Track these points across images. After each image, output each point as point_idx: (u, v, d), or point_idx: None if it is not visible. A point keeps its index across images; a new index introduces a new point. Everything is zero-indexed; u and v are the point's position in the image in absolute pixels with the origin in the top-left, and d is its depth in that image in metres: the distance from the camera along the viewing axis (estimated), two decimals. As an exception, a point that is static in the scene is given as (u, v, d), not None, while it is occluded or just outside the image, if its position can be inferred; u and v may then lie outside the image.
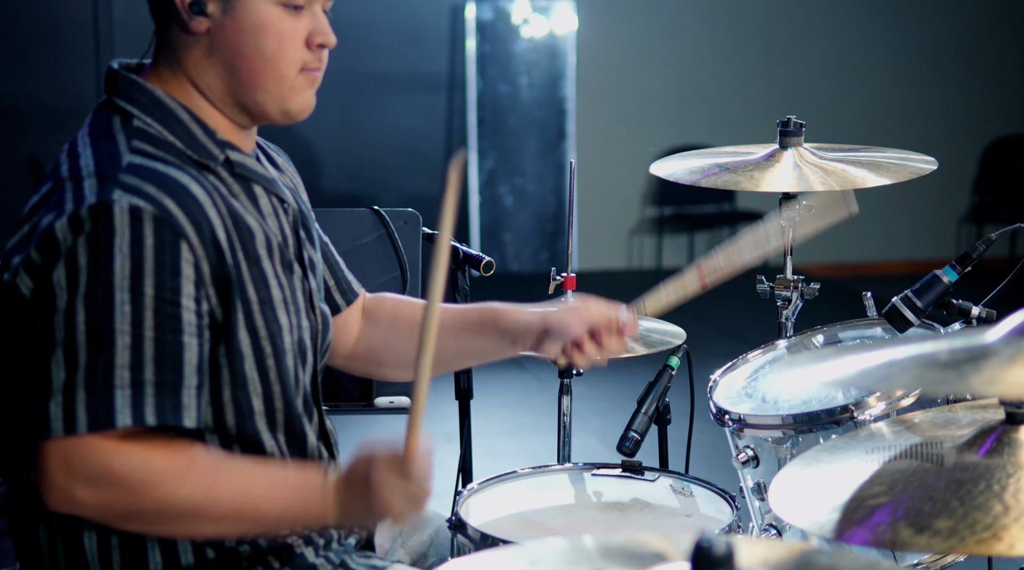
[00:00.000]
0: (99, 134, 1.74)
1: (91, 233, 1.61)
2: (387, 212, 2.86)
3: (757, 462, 2.36)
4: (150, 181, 1.66)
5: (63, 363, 1.60)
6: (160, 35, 1.80)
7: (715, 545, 1.09)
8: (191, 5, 1.74)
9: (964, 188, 9.04)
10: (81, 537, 1.73)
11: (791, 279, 2.69)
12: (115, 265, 1.60)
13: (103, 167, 1.68)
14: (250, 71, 1.76)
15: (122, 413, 1.60)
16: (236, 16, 1.74)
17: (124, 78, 1.78)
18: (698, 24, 8.71)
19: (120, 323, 1.60)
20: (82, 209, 1.62)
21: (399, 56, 8.13)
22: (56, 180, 1.70)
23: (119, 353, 1.60)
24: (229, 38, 1.75)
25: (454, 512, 2.17)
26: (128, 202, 1.62)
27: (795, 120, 2.67)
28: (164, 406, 1.62)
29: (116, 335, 1.60)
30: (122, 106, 1.76)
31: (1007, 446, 1.46)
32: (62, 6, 7.63)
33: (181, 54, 1.78)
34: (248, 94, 1.78)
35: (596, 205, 8.60)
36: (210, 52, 1.76)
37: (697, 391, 2.66)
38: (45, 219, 1.65)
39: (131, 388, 1.60)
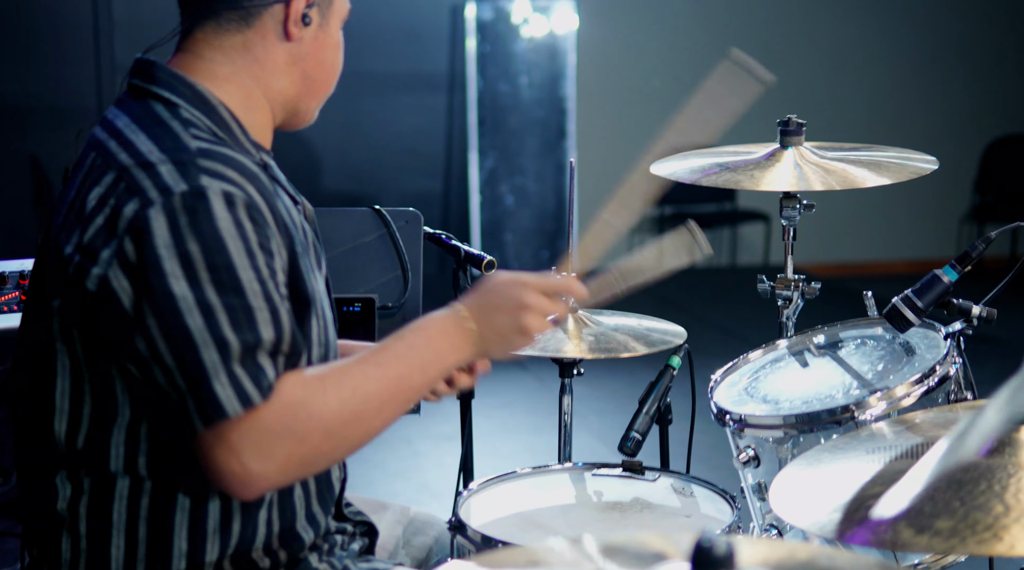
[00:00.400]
0: (148, 122, 1.75)
1: (193, 220, 1.62)
2: (388, 211, 2.86)
3: (758, 462, 2.36)
4: (229, 166, 1.68)
5: (213, 345, 1.60)
6: (220, 34, 1.81)
7: (716, 545, 1.09)
8: (304, 17, 1.81)
9: (964, 188, 9.04)
10: (108, 547, 1.73)
11: (792, 279, 2.69)
12: (229, 247, 1.62)
13: (173, 152, 1.68)
14: (322, 82, 1.89)
15: (280, 380, 1.63)
16: (327, 31, 1.86)
17: (165, 69, 1.80)
18: (698, 24, 8.71)
19: (253, 299, 1.63)
20: (174, 197, 1.63)
21: (399, 56, 8.13)
22: (118, 168, 1.69)
23: (262, 327, 1.63)
24: (318, 50, 1.86)
25: (454, 514, 2.17)
26: (220, 187, 1.64)
27: (795, 119, 2.67)
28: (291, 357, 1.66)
29: (256, 312, 1.63)
30: (165, 96, 1.78)
31: (1007, 446, 1.46)
32: (62, 6, 7.63)
33: (258, 56, 1.82)
34: (307, 101, 1.89)
35: (596, 204, 8.57)
36: (295, 60, 1.84)
37: (698, 391, 2.66)
38: (128, 207, 1.64)
39: (274, 357, 1.64)
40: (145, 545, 1.73)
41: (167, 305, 1.61)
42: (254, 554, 1.78)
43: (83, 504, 1.74)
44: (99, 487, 1.73)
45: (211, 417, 1.60)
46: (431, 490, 4.47)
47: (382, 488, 4.53)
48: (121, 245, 1.63)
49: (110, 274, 1.63)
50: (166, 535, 1.73)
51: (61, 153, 7.73)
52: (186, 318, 1.60)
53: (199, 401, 1.60)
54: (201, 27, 1.82)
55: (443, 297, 2.08)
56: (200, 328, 1.60)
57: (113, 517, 1.73)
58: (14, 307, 2.90)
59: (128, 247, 1.63)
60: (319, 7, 1.83)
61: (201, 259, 1.61)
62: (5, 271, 2.95)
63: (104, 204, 1.68)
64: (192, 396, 1.61)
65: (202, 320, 1.60)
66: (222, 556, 1.75)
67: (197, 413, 1.61)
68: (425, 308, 2.85)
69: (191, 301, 1.60)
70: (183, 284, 1.61)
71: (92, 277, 1.65)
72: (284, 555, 1.81)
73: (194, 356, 1.60)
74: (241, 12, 1.80)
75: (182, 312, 1.60)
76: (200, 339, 1.60)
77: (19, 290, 2.93)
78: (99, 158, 1.74)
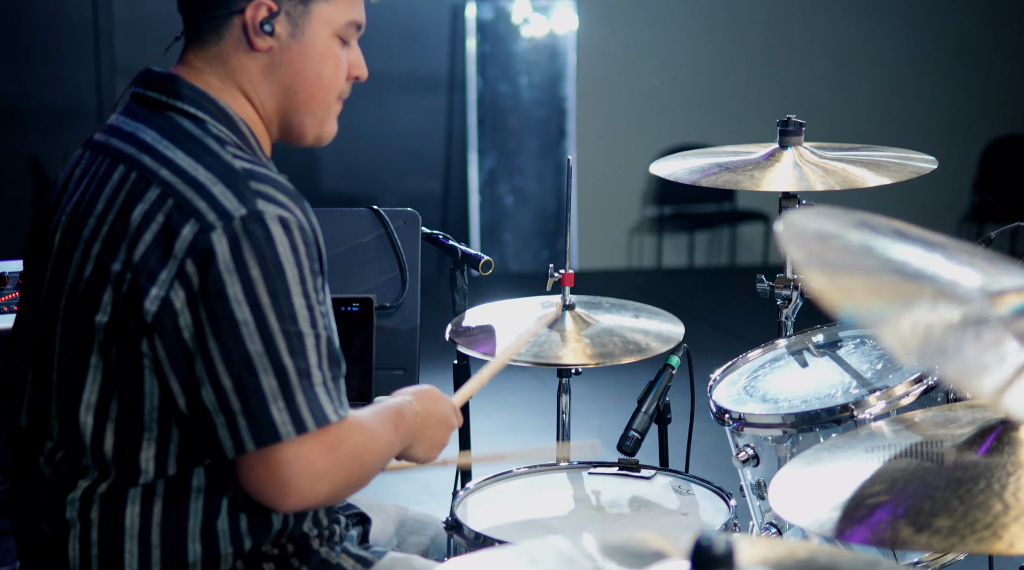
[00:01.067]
0: (180, 138, 1.75)
1: (254, 244, 1.65)
2: (386, 212, 2.86)
3: (757, 461, 2.36)
4: (278, 189, 1.71)
5: (272, 371, 1.65)
6: (203, 44, 1.82)
7: (715, 543, 1.09)
8: (262, 24, 1.78)
9: (964, 188, 9.04)
10: (121, 553, 1.74)
11: (791, 278, 2.69)
12: (287, 273, 1.67)
13: (221, 173, 1.70)
14: (307, 94, 1.85)
15: (327, 409, 1.69)
16: (303, 41, 1.82)
17: (187, 84, 1.80)
18: (698, 24, 8.71)
19: (304, 326, 1.68)
20: (234, 222, 1.65)
21: (399, 56, 8.13)
22: (162, 184, 1.70)
23: (311, 354, 1.68)
24: (293, 60, 1.82)
25: (451, 513, 2.17)
26: (275, 212, 1.67)
27: (795, 119, 2.67)
28: (341, 399, 1.74)
29: (305, 338, 1.68)
30: (191, 111, 1.78)
31: (1007, 445, 1.46)
32: (62, 6, 7.63)
33: (234, 67, 1.81)
34: (297, 115, 1.86)
35: (596, 204, 8.60)
36: (270, 71, 1.82)
37: (697, 390, 2.66)
38: (186, 229, 1.66)
39: (324, 386, 1.70)
40: (159, 550, 1.74)
41: (229, 330, 1.64)
42: (264, 547, 1.80)
43: (95, 511, 1.74)
44: (112, 495, 1.74)
45: (264, 439, 1.65)
46: (430, 489, 4.48)
47: (381, 487, 4.53)
48: (182, 267, 1.65)
49: (171, 295, 1.66)
50: (180, 538, 1.74)
51: (61, 153, 7.74)
52: (247, 344, 1.65)
53: (254, 423, 1.65)
54: (190, 39, 1.84)
55: (441, 297, 2.09)
56: (260, 354, 1.65)
57: (126, 523, 1.74)
58: (14, 307, 2.90)
59: (190, 269, 1.65)
60: (288, 16, 1.80)
61: (263, 285, 1.65)
62: (5, 271, 2.94)
63: (151, 220, 1.69)
64: (246, 417, 1.65)
65: (262, 346, 1.65)
66: (236, 555, 1.76)
67: (250, 433, 1.65)
68: (423, 308, 2.85)
69: (252, 327, 1.65)
70: (245, 309, 1.65)
71: (151, 297, 1.67)
72: (292, 547, 1.83)
73: (254, 380, 1.65)
74: (211, 23, 1.80)
75: (243, 338, 1.65)
76: (260, 364, 1.65)
77: (19, 290, 2.93)
78: (133, 172, 1.74)
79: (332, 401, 1.70)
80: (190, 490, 1.74)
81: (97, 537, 1.74)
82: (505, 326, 2.57)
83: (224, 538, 1.75)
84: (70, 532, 1.75)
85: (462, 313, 2.68)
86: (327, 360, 1.70)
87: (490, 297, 2.81)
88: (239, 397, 1.65)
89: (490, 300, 2.74)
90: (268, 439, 1.65)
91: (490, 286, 7.05)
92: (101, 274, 1.71)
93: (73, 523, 1.74)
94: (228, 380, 1.65)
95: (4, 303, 2.91)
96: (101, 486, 1.73)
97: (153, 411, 1.71)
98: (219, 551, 1.75)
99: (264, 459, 1.66)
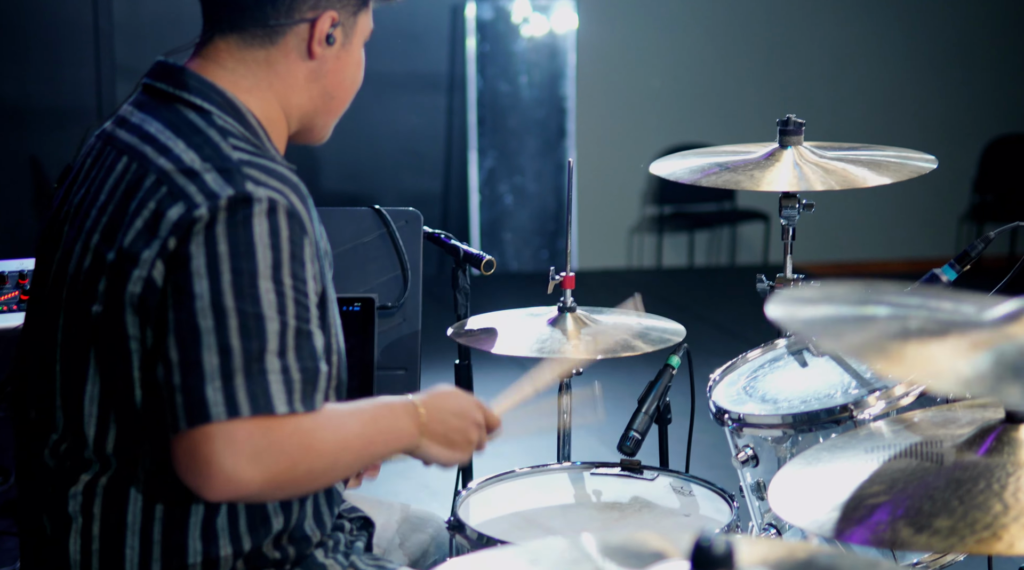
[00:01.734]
0: (184, 129, 1.76)
1: (231, 223, 1.63)
2: (388, 211, 2.86)
3: (757, 461, 2.36)
4: (271, 175, 1.70)
5: (216, 349, 1.61)
6: (246, 47, 1.82)
7: (715, 544, 1.09)
8: (328, 37, 1.82)
9: (964, 187, 9.04)
10: (123, 548, 1.74)
11: (791, 278, 2.69)
12: (257, 254, 1.63)
13: (215, 160, 1.70)
14: (340, 99, 1.91)
15: (278, 399, 1.62)
16: (350, 50, 1.87)
17: (196, 76, 1.81)
18: (698, 24, 8.71)
19: (267, 309, 1.63)
20: (219, 200, 1.64)
21: (399, 56, 8.13)
22: (158, 172, 1.71)
23: (270, 339, 1.62)
24: (339, 69, 1.87)
25: (453, 512, 2.17)
26: (265, 194, 1.66)
27: (795, 119, 2.67)
28: (307, 392, 1.65)
29: (266, 321, 1.62)
30: (198, 103, 1.79)
31: (1007, 445, 1.46)
32: (62, 6, 7.62)
33: (280, 72, 1.83)
34: (323, 117, 1.91)
35: (596, 204, 8.60)
36: (315, 77, 1.85)
37: (697, 390, 2.66)
38: (172, 210, 1.66)
39: (282, 374, 1.63)
40: (160, 546, 1.74)
41: (185, 303, 1.62)
42: (265, 549, 1.79)
43: (97, 506, 1.74)
44: (114, 489, 1.74)
45: (195, 418, 1.60)
46: (430, 489, 4.47)
47: (381, 487, 4.52)
48: (164, 245, 1.65)
49: (154, 274, 1.65)
50: (181, 535, 1.74)
51: (61, 153, 7.73)
52: (198, 318, 1.61)
53: (188, 400, 1.60)
54: (224, 38, 1.83)
55: (443, 296, 2.09)
56: (208, 330, 1.61)
57: (128, 518, 1.74)
58: (14, 307, 2.90)
59: (171, 245, 1.65)
60: (344, 27, 1.84)
61: (227, 262, 1.63)
62: (5, 271, 2.95)
63: (143, 207, 1.69)
64: (183, 393, 1.61)
65: (212, 322, 1.61)
66: (236, 553, 1.76)
67: (184, 411, 1.60)
68: (425, 308, 2.85)
69: (207, 301, 1.61)
70: (204, 284, 1.62)
71: (134, 279, 1.66)
72: (293, 551, 1.82)
73: (196, 356, 1.61)
74: (267, 29, 1.81)
75: (196, 311, 1.61)
76: (205, 341, 1.61)
77: (19, 290, 2.93)
78: (134, 163, 1.75)
79: (289, 393, 1.62)
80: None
81: (99, 532, 1.74)
82: (507, 330, 2.57)
83: (223, 536, 1.75)
84: (71, 527, 1.75)
85: (464, 319, 2.67)
86: (293, 351, 1.64)
87: (491, 296, 2.82)
88: (181, 372, 1.61)
89: (491, 299, 2.74)
90: (197, 418, 1.59)
91: (491, 286, 7.05)
92: (98, 265, 1.71)
93: (75, 517, 1.74)
94: (175, 353, 1.62)
95: (3, 302, 2.91)
96: (102, 479, 1.74)
97: (153, 402, 1.70)
98: (218, 550, 1.75)
99: (191, 438, 1.59)
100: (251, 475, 1.59)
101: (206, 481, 1.59)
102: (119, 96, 7.70)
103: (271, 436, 1.61)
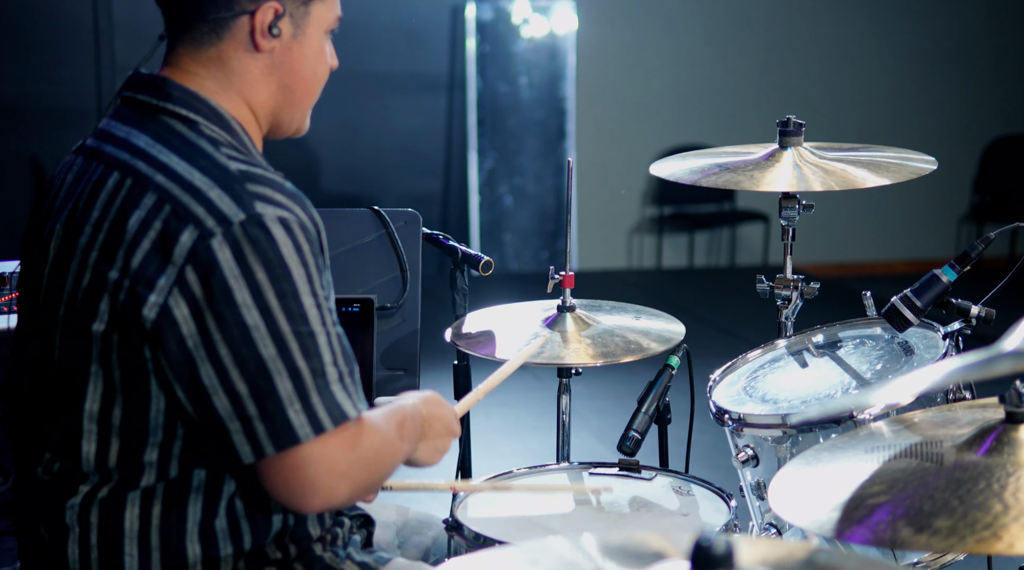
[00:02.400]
0: (174, 141, 1.75)
1: (257, 248, 1.65)
2: (387, 212, 2.86)
3: (757, 461, 2.36)
4: (275, 189, 1.71)
5: (286, 374, 1.65)
6: (198, 46, 1.81)
7: (715, 544, 1.09)
8: (270, 27, 1.80)
9: (964, 188, 9.04)
10: (122, 552, 1.74)
11: (791, 278, 2.69)
12: (293, 274, 1.67)
13: (217, 176, 1.69)
14: (302, 91, 1.88)
15: (347, 406, 1.70)
16: (303, 41, 1.84)
17: (178, 86, 1.80)
18: (698, 24, 8.71)
19: (315, 325, 1.68)
20: (234, 227, 1.64)
21: (399, 56, 8.13)
22: (158, 190, 1.70)
23: (323, 353, 1.68)
24: (293, 60, 1.84)
25: (451, 513, 2.17)
26: (275, 213, 1.67)
27: (795, 120, 2.67)
28: (358, 392, 1.74)
29: (317, 337, 1.68)
30: (183, 113, 1.78)
31: (1007, 445, 1.46)
32: (62, 6, 7.63)
33: (234, 69, 1.81)
34: (288, 112, 1.88)
35: (596, 205, 8.60)
36: (270, 71, 1.83)
37: (697, 390, 2.66)
38: (184, 236, 1.65)
39: (340, 382, 1.70)
40: (159, 551, 1.74)
41: (240, 336, 1.64)
42: (267, 548, 1.79)
43: (94, 515, 1.74)
44: (112, 498, 1.74)
45: (284, 442, 1.65)
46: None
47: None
48: (182, 274, 1.65)
49: (171, 302, 1.65)
50: (179, 539, 1.74)
51: (61, 153, 7.73)
52: (259, 348, 1.65)
53: (272, 427, 1.65)
54: (181, 41, 1.82)
55: (441, 297, 2.09)
56: (273, 357, 1.65)
57: (125, 525, 1.74)
58: (14, 307, 2.90)
59: (190, 277, 1.64)
60: (291, 17, 1.81)
61: (270, 287, 1.65)
62: (5, 271, 2.95)
63: (148, 227, 1.68)
64: (263, 421, 1.65)
65: (275, 350, 1.65)
66: (237, 553, 1.76)
67: (269, 437, 1.66)
68: (424, 308, 2.85)
69: (264, 331, 1.65)
70: (255, 314, 1.64)
71: (149, 304, 1.66)
72: (294, 549, 1.82)
73: (269, 384, 1.65)
74: (211, 25, 1.79)
75: (255, 342, 1.64)
76: (274, 368, 1.65)
77: (19, 292, 2.93)
78: (128, 178, 1.73)
79: (350, 397, 1.70)
80: (189, 491, 1.73)
81: (97, 540, 1.74)
82: (505, 329, 2.57)
83: (223, 538, 1.75)
84: (69, 536, 1.75)
85: (462, 317, 2.67)
86: (341, 357, 1.70)
87: (490, 297, 2.81)
88: (255, 402, 1.65)
89: (490, 300, 2.74)
90: (287, 442, 1.65)
91: (490, 286, 7.05)
92: (98, 282, 1.70)
93: (72, 527, 1.74)
94: (243, 386, 1.65)
95: (4, 303, 2.91)
96: (102, 491, 1.74)
97: (159, 415, 1.71)
98: (218, 552, 1.75)
99: (285, 461, 1.66)
100: (344, 489, 1.70)
101: (307, 500, 1.68)
102: (108, 101, 7.70)
103: (357, 449, 1.70)
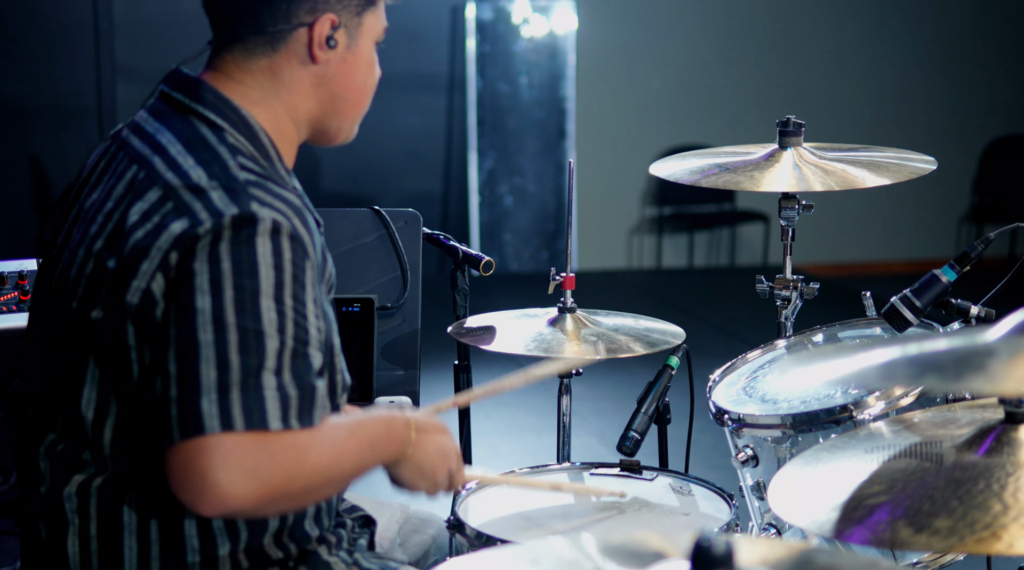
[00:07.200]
0: (195, 144, 1.76)
1: (235, 241, 1.63)
2: (387, 212, 2.86)
3: (756, 461, 2.36)
4: (276, 197, 1.70)
5: (214, 362, 1.60)
6: (249, 56, 1.82)
7: (715, 544, 1.09)
8: (328, 39, 1.81)
9: (964, 188, 9.05)
10: (121, 548, 1.74)
11: (791, 279, 2.69)
12: (260, 272, 1.63)
13: (223, 179, 1.70)
14: (353, 101, 1.90)
15: (272, 415, 1.61)
16: (356, 51, 1.86)
17: (212, 90, 1.80)
18: (698, 24, 8.72)
19: (268, 327, 1.62)
20: (224, 218, 1.64)
21: (399, 56, 8.14)
22: (164, 186, 1.71)
23: (268, 356, 1.62)
24: (346, 71, 1.86)
25: (452, 512, 2.18)
26: (268, 215, 1.66)
27: (794, 120, 2.67)
28: (304, 409, 1.64)
29: (266, 338, 1.62)
30: (212, 118, 1.79)
31: (1006, 445, 1.46)
32: (62, 6, 7.63)
33: (285, 79, 1.82)
34: (336, 121, 1.90)
35: (596, 205, 8.61)
36: (321, 81, 1.84)
37: (697, 391, 2.66)
38: (176, 225, 1.66)
39: (278, 391, 1.62)
40: (158, 545, 1.74)
41: (186, 317, 1.62)
42: (266, 546, 1.79)
43: (93, 507, 1.75)
44: (110, 490, 1.74)
45: (189, 430, 1.59)
46: (430, 490, 4.47)
47: (382, 487, 4.52)
48: (165, 258, 1.65)
49: (153, 286, 1.65)
50: (177, 533, 1.74)
51: (61, 153, 7.74)
52: (199, 332, 1.61)
53: (183, 412, 1.60)
54: (230, 49, 1.83)
55: (442, 297, 2.09)
56: (208, 344, 1.61)
57: (124, 518, 1.74)
58: (13, 307, 2.91)
59: (172, 260, 1.65)
60: (346, 28, 1.83)
61: (230, 279, 1.63)
62: (4, 271, 2.95)
63: (147, 219, 1.69)
64: (178, 405, 1.60)
65: (212, 336, 1.61)
66: (235, 550, 1.76)
67: (178, 423, 1.60)
68: (424, 308, 2.85)
69: (208, 316, 1.61)
70: (206, 299, 1.62)
71: (132, 289, 1.66)
72: (295, 549, 1.82)
73: (194, 369, 1.61)
74: (267, 36, 1.80)
75: (197, 325, 1.61)
76: (204, 354, 1.61)
77: (18, 290, 2.93)
78: (142, 172, 1.75)
79: (284, 409, 1.61)
80: None
81: (96, 532, 1.74)
82: (505, 330, 2.57)
83: (220, 533, 1.75)
84: (69, 529, 1.75)
85: (463, 318, 2.67)
86: (290, 370, 1.63)
87: (491, 297, 2.82)
88: (177, 384, 1.61)
89: (490, 300, 2.75)
90: (191, 430, 1.58)
91: (490, 286, 7.05)
92: (99, 271, 1.71)
93: (72, 519, 1.75)
94: (173, 366, 1.62)
95: (3, 303, 2.91)
96: (97, 480, 1.74)
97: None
98: (216, 548, 1.75)
99: (185, 450, 1.58)
100: (245, 490, 1.58)
101: (200, 495, 1.58)
102: (119, 96, 7.71)
103: (266, 451, 1.60)
